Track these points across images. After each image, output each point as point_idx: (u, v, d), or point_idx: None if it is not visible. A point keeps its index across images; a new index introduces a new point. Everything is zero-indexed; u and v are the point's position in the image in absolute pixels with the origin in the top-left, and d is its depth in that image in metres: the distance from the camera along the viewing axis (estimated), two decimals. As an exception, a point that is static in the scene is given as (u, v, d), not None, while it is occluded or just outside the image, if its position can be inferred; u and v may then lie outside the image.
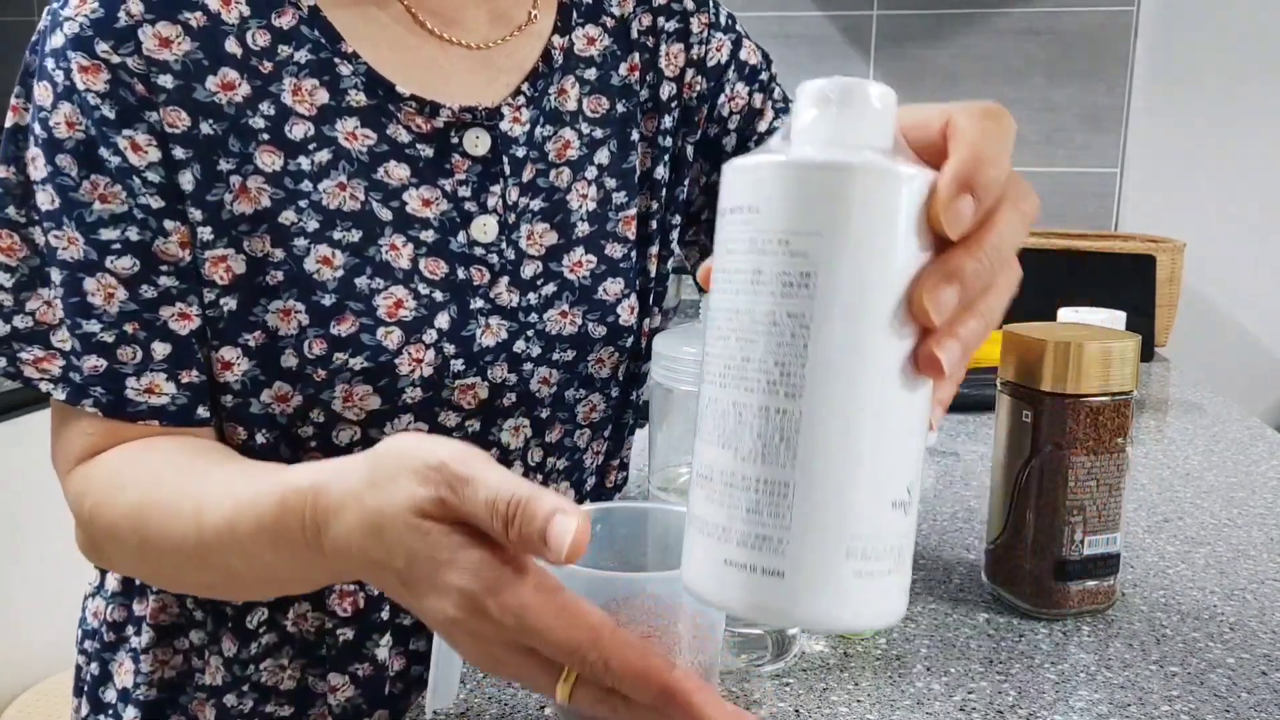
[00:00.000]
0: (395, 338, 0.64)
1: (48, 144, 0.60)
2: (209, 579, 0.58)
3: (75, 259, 0.60)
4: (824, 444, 0.35)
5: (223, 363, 0.64)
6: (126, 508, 0.59)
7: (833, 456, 0.35)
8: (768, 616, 0.36)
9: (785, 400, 0.35)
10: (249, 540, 0.51)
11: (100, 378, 0.61)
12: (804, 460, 0.35)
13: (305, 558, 0.49)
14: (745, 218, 0.36)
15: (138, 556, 0.60)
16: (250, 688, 0.69)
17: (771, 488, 0.35)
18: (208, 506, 0.54)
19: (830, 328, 0.35)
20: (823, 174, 0.35)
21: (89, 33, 0.59)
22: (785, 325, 0.35)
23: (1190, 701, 0.59)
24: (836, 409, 0.35)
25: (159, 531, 0.56)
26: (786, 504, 0.35)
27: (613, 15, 0.75)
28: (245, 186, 0.61)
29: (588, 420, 0.76)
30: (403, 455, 0.44)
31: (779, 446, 0.35)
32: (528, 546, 0.40)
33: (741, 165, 0.37)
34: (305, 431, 0.66)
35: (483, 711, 0.58)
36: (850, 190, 0.34)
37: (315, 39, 0.63)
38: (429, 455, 0.43)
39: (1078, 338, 0.67)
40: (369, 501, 0.44)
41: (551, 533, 0.39)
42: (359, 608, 0.68)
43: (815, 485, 0.35)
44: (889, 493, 0.36)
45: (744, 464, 0.35)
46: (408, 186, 0.65)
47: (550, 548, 0.39)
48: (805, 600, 0.35)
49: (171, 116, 0.60)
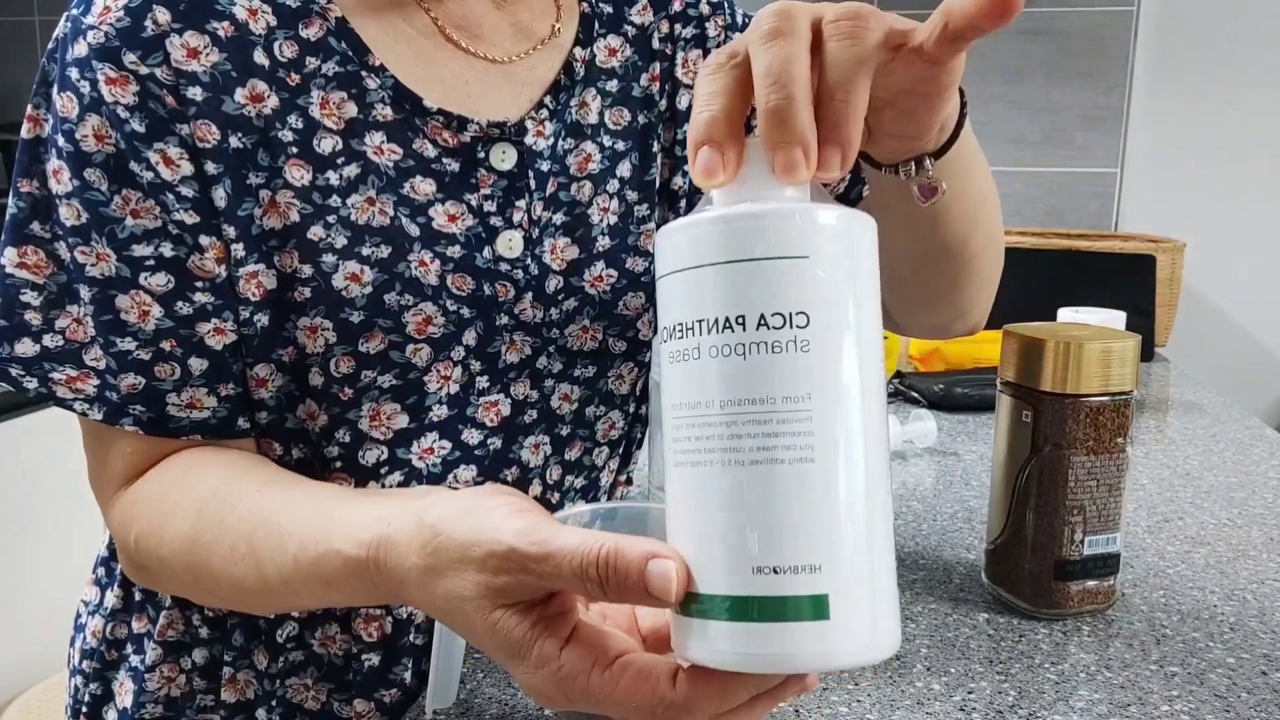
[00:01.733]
0: (424, 354, 0.63)
1: (74, 157, 0.58)
2: (273, 608, 0.59)
3: (106, 275, 0.59)
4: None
5: (257, 379, 0.63)
6: (174, 541, 0.58)
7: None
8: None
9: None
10: (320, 591, 0.52)
11: (139, 395, 0.60)
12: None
13: (386, 600, 0.50)
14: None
15: (192, 587, 0.59)
16: (277, 703, 0.68)
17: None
18: (265, 557, 0.54)
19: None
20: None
21: (115, 43, 0.57)
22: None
23: (1190, 701, 0.59)
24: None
25: (212, 569, 0.56)
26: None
27: (634, 25, 0.74)
28: (274, 201, 0.60)
29: (606, 438, 0.75)
30: (465, 544, 0.43)
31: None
32: (631, 599, 0.39)
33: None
34: (331, 451, 0.65)
35: (483, 711, 0.58)
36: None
37: (343, 51, 0.62)
38: (493, 543, 0.41)
39: (1078, 338, 0.67)
40: (433, 588, 0.44)
41: (653, 584, 0.38)
42: (385, 633, 0.68)
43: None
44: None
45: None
46: (434, 202, 0.64)
47: (655, 595, 0.38)
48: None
49: (202, 130, 0.58)
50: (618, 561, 0.39)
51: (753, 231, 0.37)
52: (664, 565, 0.38)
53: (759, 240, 0.37)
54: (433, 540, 0.44)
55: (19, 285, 0.60)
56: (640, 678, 0.40)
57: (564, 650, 0.41)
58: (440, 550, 0.43)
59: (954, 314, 0.73)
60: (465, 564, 0.42)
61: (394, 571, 0.46)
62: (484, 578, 0.42)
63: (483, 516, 0.43)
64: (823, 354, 0.37)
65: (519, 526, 0.41)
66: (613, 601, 0.40)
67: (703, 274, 0.38)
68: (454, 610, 0.43)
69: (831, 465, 0.37)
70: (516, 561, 0.41)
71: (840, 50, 0.40)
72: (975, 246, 0.66)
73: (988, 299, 0.74)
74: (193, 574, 0.58)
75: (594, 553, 0.39)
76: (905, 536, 0.85)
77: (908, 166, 0.54)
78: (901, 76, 0.45)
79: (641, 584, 0.38)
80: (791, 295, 0.37)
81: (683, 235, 0.39)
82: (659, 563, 0.38)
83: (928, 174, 0.54)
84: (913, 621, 0.69)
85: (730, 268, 0.37)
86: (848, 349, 0.37)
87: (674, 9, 0.75)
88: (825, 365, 0.37)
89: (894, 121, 0.50)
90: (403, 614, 0.68)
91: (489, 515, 0.43)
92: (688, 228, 0.39)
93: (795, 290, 0.37)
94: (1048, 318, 1.28)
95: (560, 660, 0.41)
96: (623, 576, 0.39)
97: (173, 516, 0.58)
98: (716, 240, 0.38)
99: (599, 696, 0.41)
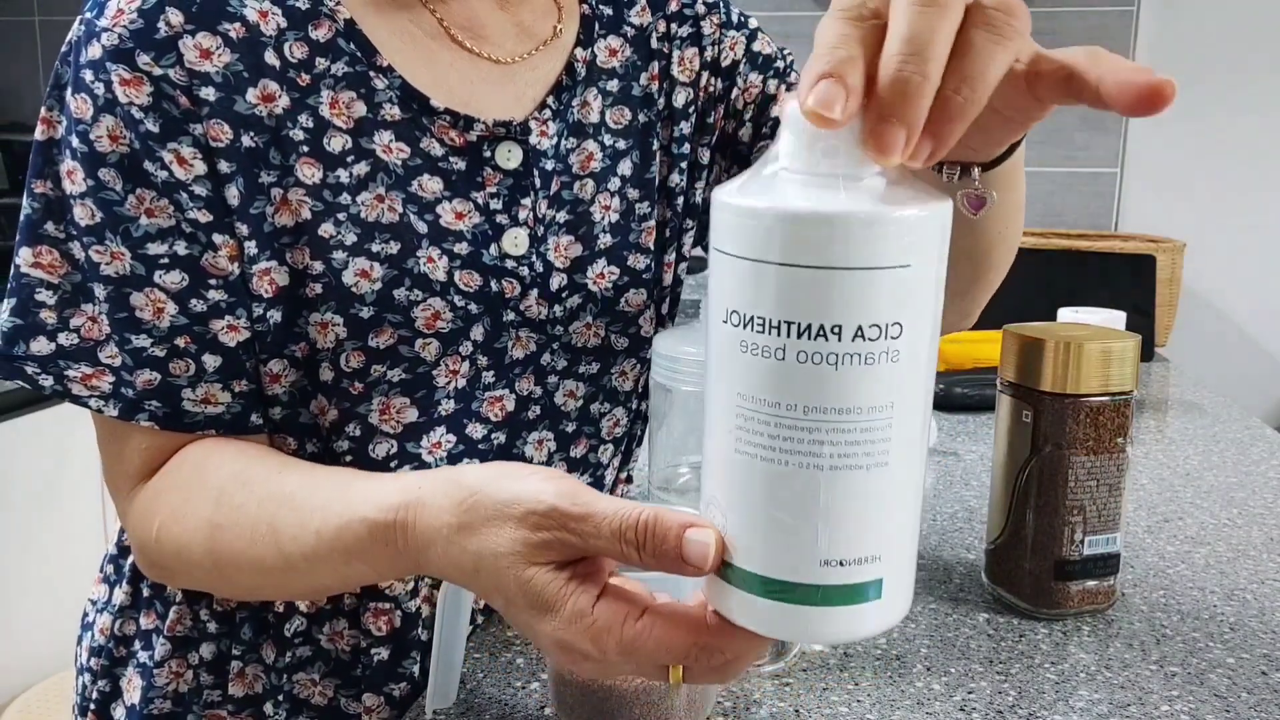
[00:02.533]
0: (433, 349, 0.64)
1: (88, 158, 0.59)
2: (292, 591, 0.60)
3: (120, 274, 0.60)
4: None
5: (271, 375, 0.64)
6: (196, 529, 0.59)
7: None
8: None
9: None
10: (341, 564, 0.52)
11: (154, 391, 0.61)
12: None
13: (406, 570, 0.51)
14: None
15: (212, 574, 0.60)
16: (284, 698, 0.69)
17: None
18: (286, 535, 0.54)
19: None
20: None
21: (129, 44, 0.58)
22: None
23: (1190, 701, 0.59)
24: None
25: (234, 552, 0.57)
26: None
27: (633, 25, 0.75)
28: (286, 199, 0.61)
29: (610, 435, 0.76)
30: (502, 500, 0.44)
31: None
32: (665, 565, 0.41)
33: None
34: (341, 445, 0.66)
35: (483, 711, 0.58)
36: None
37: (351, 52, 0.63)
38: (535, 501, 0.43)
39: (1078, 338, 0.67)
40: (464, 544, 0.45)
41: (690, 551, 0.40)
42: (394, 627, 0.68)
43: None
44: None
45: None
46: (441, 199, 0.65)
47: (691, 563, 0.40)
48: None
49: (215, 130, 0.59)
50: (657, 526, 0.40)
51: (861, 239, 0.35)
52: (702, 534, 0.40)
53: (865, 248, 0.35)
54: (469, 498, 0.45)
55: (34, 284, 0.61)
56: (673, 623, 0.42)
57: (597, 605, 0.42)
58: (476, 507, 0.45)
59: (956, 316, 0.73)
60: (504, 520, 0.43)
61: (423, 533, 0.47)
62: (522, 533, 0.43)
63: (521, 480, 0.44)
64: (910, 362, 0.37)
65: (561, 489, 0.43)
66: (647, 567, 0.41)
67: (798, 275, 0.35)
68: (482, 568, 0.44)
69: (901, 467, 0.38)
70: (557, 519, 0.42)
71: (987, 43, 0.36)
72: (997, 257, 0.67)
73: (986, 300, 0.74)
74: (213, 558, 0.58)
75: (634, 516, 0.41)
76: (905, 536, 0.85)
77: (953, 170, 0.52)
78: (1000, 92, 0.41)
79: (678, 549, 0.40)
80: (890, 306, 0.35)
81: (776, 222, 0.35)
82: (697, 531, 0.40)
83: (975, 184, 0.52)
84: (913, 621, 0.69)
85: (831, 275, 0.35)
86: (927, 353, 0.37)
87: (671, 9, 0.76)
88: (910, 373, 0.37)
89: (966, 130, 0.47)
90: (411, 608, 0.68)
91: (527, 479, 0.44)
92: (783, 218, 0.35)
93: (894, 301, 0.35)
94: (1048, 318, 1.27)
95: (594, 615, 0.42)
96: (660, 541, 0.40)
97: (192, 503, 0.59)
98: (819, 242, 0.35)
99: (632, 646, 0.42)
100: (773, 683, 0.61)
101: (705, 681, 0.45)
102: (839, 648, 0.65)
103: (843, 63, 0.35)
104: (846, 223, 0.35)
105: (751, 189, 0.37)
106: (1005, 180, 0.55)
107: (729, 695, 0.60)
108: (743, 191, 0.37)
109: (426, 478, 0.49)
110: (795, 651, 0.64)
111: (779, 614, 0.39)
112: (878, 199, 0.35)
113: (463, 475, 0.47)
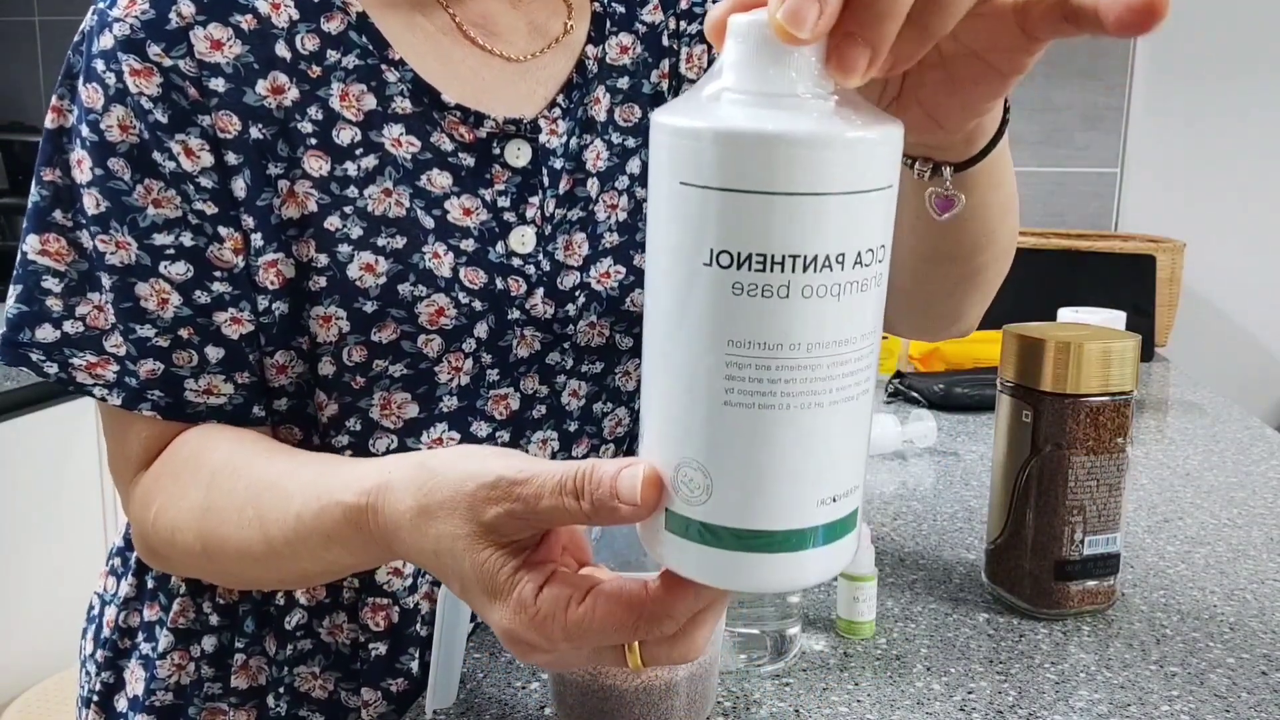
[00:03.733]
0: (435, 345, 0.64)
1: (98, 147, 0.59)
2: (278, 577, 0.60)
3: (126, 263, 0.60)
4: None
5: (277, 366, 0.64)
6: (188, 512, 0.59)
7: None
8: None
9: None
10: (321, 549, 0.52)
11: (157, 381, 0.61)
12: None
13: (380, 555, 0.51)
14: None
15: (203, 559, 0.60)
16: (285, 690, 0.69)
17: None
18: (270, 518, 0.54)
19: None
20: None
21: (140, 35, 0.58)
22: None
23: (1190, 701, 0.59)
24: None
25: (222, 536, 0.57)
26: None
27: (645, 23, 0.75)
28: (293, 191, 0.61)
29: (613, 435, 0.76)
30: (458, 480, 0.43)
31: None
32: (604, 510, 0.40)
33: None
34: (341, 440, 0.66)
35: (483, 711, 0.58)
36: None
37: (363, 45, 0.63)
38: (482, 474, 0.42)
39: (1078, 338, 0.67)
40: (425, 529, 0.45)
41: (622, 487, 0.39)
42: (392, 622, 0.69)
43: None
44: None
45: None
46: (449, 195, 0.65)
47: (624, 499, 0.39)
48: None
49: (223, 121, 0.60)
50: (593, 472, 0.40)
51: (867, 160, 0.33)
52: (633, 470, 0.39)
53: (870, 170, 0.33)
54: (429, 481, 0.45)
55: (40, 272, 0.62)
56: (614, 600, 0.41)
57: (540, 593, 0.42)
58: (434, 489, 0.44)
59: (947, 319, 0.72)
60: (457, 500, 0.43)
61: (389, 518, 0.47)
62: (474, 512, 0.42)
63: (479, 459, 0.44)
64: (885, 283, 0.36)
65: (507, 461, 0.43)
66: (590, 520, 0.40)
67: (801, 203, 0.33)
68: (441, 550, 0.44)
69: (871, 391, 0.37)
70: (502, 490, 0.42)
71: None
72: (985, 259, 0.65)
73: (984, 306, 0.73)
74: (203, 543, 0.59)
75: (573, 468, 0.40)
76: (905, 536, 0.85)
77: (925, 168, 0.51)
78: (978, 34, 0.40)
79: (613, 488, 0.39)
80: (882, 228, 0.34)
81: (760, 147, 0.32)
82: (629, 469, 0.39)
83: (945, 184, 0.51)
84: (913, 621, 0.69)
85: (840, 200, 0.33)
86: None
87: (681, 6, 0.76)
88: (883, 295, 0.36)
89: (933, 89, 0.44)
90: (409, 603, 0.69)
91: (484, 458, 0.44)
92: (765, 140, 0.32)
93: (882, 223, 0.34)
94: (1048, 318, 1.28)
95: (536, 604, 0.41)
96: (596, 485, 0.39)
97: (187, 488, 0.60)
98: (827, 166, 0.32)
99: (578, 630, 0.41)
100: (773, 683, 0.61)
101: (666, 662, 0.43)
102: (839, 647, 0.65)
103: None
104: (860, 145, 0.33)
105: (718, 112, 0.34)
106: (987, 179, 0.54)
107: (729, 695, 0.60)
108: (706, 115, 0.34)
109: (399, 461, 0.48)
110: (795, 651, 0.64)
111: (766, 565, 0.37)
112: (856, 120, 0.33)
113: (429, 458, 0.46)
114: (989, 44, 0.40)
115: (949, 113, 0.45)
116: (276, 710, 0.69)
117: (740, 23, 0.34)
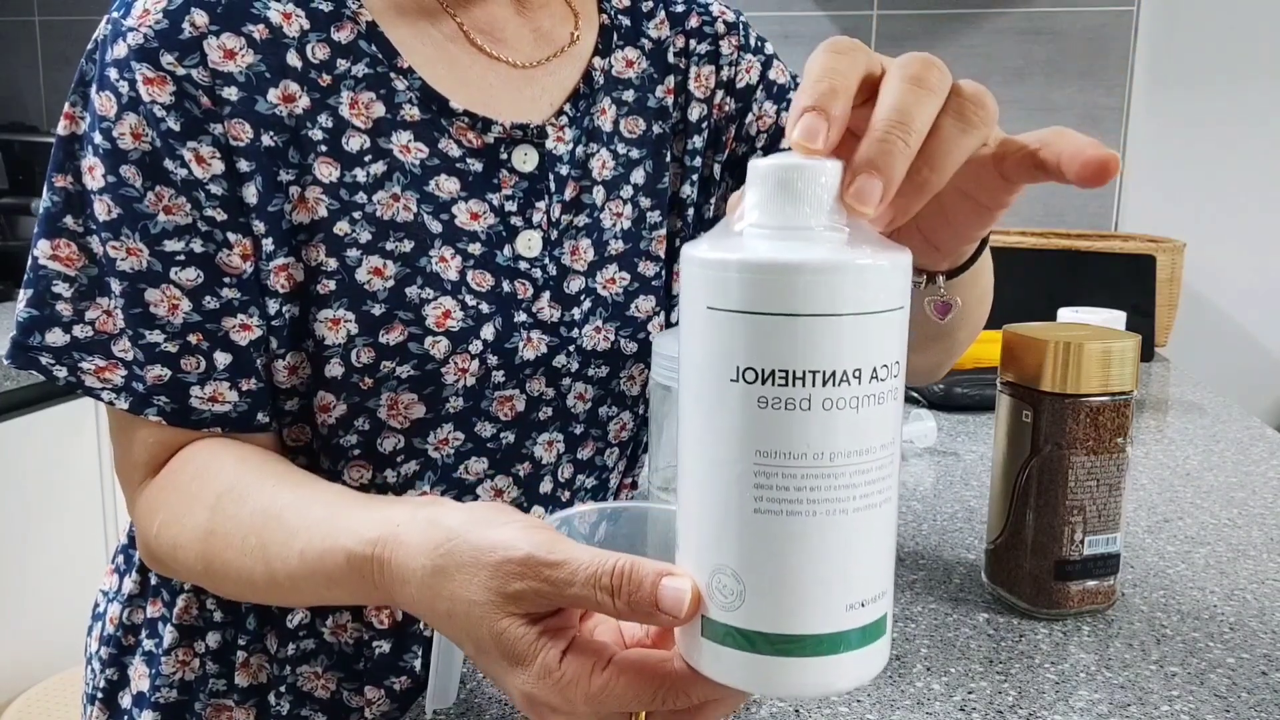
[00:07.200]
0: (442, 347, 0.65)
1: (110, 154, 0.60)
2: (280, 602, 0.60)
3: (137, 269, 0.60)
4: None
5: (289, 368, 0.64)
6: (191, 532, 0.59)
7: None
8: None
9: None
10: (322, 588, 0.52)
11: (164, 387, 0.62)
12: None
13: (381, 600, 0.50)
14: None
15: (204, 578, 0.61)
16: (288, 689, 0.69)
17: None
18: (273, 552, 0.55)
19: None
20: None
21: (154, 44, 0.59)
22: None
23: (1190, 701, 0.59)
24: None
25: (224, 560, 0.58)
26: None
27: (651, 39, 0.76)
28: (304, 197, 0.62)
29: (618, 439, 0.77)
30: (480, 549, 0.43)
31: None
32: (640, 613, 0.40)
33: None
34: (349, 440, 0.66)
35: (483, 711, 0.58)
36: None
37: (372, 54, 0.64)
38: (510, 548, 0.42)
39: (1078, 338, 0.67)
40: (438, 588, 0.44)
41: (665, 598, 0.39)
42: (395, 621, 0.69)
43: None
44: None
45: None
46: (457, 200, 0.66)
47: (666, 610, 0.39)
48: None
49: (235, 129, 0.60)
50: (633, 573, 0.40)
51: (879, 284, 0.37)
52: (678, 582, 0.39)
53: (883, 293, 0.37)
54: (446, 543, 0.44)
55: (51, 276, 0.62)
56: (637, 671, 0.41)
57: (564, 659, 0.42)
58: (453, 552, 0.44)
59: (923, 378, 0.77)
60: (478, 567, 0.43)
61: (398, 570, 0.47)
62: (497, 582, 0.42)
63: (499, 527, 0.44)
64: (901, 397, 0.39)
65: (538, 538, 0.42)
66: (622, 616, 0.41)
67: (818, 324, 0.36)
68: (457, 613, 0.44)
69: (894, 500, 0.39)
70: (531, 568, 0.41)
71: (954, 131, 0.40)
72: (961, 337, 0.69)
73: (957, 359, 0.77)
74: (205, 564, 0.59)
75: (610, 563, 0.40)
76: (905, 536, 0.85)
77: (919, 279, 0.54)
78: (965, 178, 0.44)
79: (653, 596, 0.39)
80: (896, 345, 0.38)
81: (802, 276, 0.36)
82: (672, 580, 0.39)
83: (940, 291, 0.54)
84: (913, 621, 0.69)
85: (856, 320, 0.36)
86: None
87: (690, 25, 0.77)
88: (900, 408, 0.39)
89: (930, 220, 0.49)
90: None
91: (505, 526, 0.44)
92: (786, 269, 0.36)
93: (896, 340, 0.38)
94: (1048, 318, 1.28)
95: (561, 669, 0.41)
96: (635, 587, 0.40)
97: (191, 508, 0.60)
98: (846, 290, 0.36)
99: (599, 698, 0.41)
100: (773, 683, 0.61)
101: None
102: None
103: (825, 95, 0.38)
104: (872, 271, 0.36)
105: (743, 245, 0.38)
106: (971, 278, 0.57)
107: (729, 695, 0.60)
108: (732, 248, 0.38)
109: (405, 515, 0.48)
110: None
111: (798, 670, 0.38)
112: (867, 249, 0.37)
113: (443, 516, 0.46)
114: (975, 186, 0.45)
115: (944, 239, 0.50)
116: (278, 709, 0.69)
117: (761, 166, 0.38)
